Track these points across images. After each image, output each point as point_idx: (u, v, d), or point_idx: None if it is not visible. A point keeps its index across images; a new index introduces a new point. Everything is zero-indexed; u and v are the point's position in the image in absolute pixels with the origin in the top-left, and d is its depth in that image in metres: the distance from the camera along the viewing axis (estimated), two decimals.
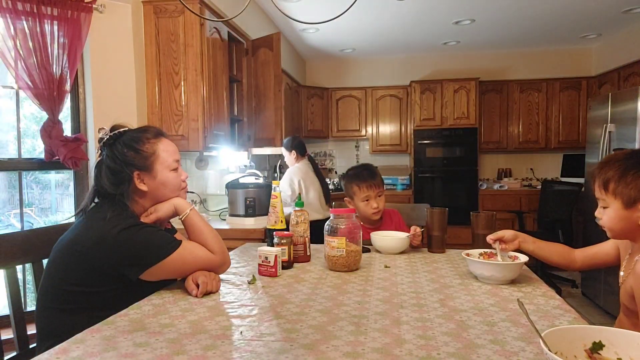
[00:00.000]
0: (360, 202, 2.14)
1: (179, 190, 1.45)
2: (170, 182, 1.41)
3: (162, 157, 1.40)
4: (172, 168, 1.42)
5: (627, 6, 4.17)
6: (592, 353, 0.83)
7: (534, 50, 5.76)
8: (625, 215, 1.29)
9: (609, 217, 1.33)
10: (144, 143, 1.38)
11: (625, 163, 1.29)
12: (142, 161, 1.37)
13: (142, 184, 1.37)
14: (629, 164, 1.29)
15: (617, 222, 1.31)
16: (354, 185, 2.15)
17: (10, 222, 2.69)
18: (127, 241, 1.26)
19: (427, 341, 0.97)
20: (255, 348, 0.94)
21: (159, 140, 1.42)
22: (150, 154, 1.38)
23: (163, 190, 1.41)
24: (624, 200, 1.28)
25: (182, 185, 1.46)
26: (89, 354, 0.92)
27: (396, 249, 1.85)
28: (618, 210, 1.30)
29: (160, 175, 1.39)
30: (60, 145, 2.29)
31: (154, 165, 1.38)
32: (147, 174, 1.37)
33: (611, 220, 1.33)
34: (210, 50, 2.82)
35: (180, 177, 1.45)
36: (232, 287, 1.40)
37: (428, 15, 4.41)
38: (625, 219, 1.29)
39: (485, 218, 1.76)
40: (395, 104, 5.93)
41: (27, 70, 2.18)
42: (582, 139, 5.41)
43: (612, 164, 1.32)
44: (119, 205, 1.35)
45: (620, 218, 1.30)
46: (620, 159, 1.31)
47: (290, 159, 3.78)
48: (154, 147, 1.39)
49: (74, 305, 1.28)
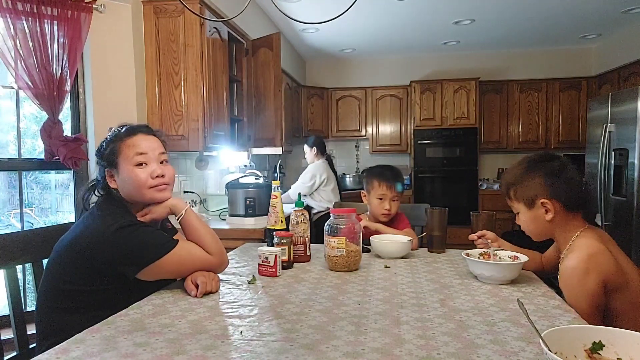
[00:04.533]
0: (374, 198, 2.14)
1: (145, 187, 1.33)
2: (132, 179, 1.32)
3: (124, 152, 1.33)
4: (135, 163, 1.32)
5: (627, 6, 4.17)
6: (592, 353, 0.83)
7: (534, 50, 5.76)
8: (533, 215, 1.41)
9: (522, 222, 1.45)
10: (115, 140, 1.36)
11: (518, 168, 1.43)
12: (110, 157, 1.36)
13: (113, 181, 1.37)
14: (522, 168, 1.42)
15: (530, 223, 1.43)
16: (374, 180, 2.15)
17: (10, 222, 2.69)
18: (124, 240, 1.25)
19: (427, 341, 0.97)
20: (255, 348, 0.94)
21: (130, 137, 1.36)
22: (115, 150, 1.35)
23: (127, 187, 1.34)
24: (525, 202, 1.40)
25: (149, 182, 1.33)
26: (89, 354, 0.92)
27: (397, 254, 1.79)
28: (525, 213, 1.42)
29: (123, 171, 1.33)
30: (60, 145, 2.29)
31: (117, 160, 1.34)
32: (114, 170, 1.36)
33: (525, 223, 1.44)
34: (210, 50, 2.82)
35: (150, 174, 1.33)
36: (232, 287, 1.40)
37: (428, 15, 4.41)
38: (534, 218, 1.41)
39: (485, 218, 1.76)
40: (395, 104, 5.93)
41: (27, 70, 2.18)
42: (582, 139, 5.41)
43: (509, 172, 1.46)
44: (117, 204, 1.35)
45: (530, 219, 1.42)
46: (515, 166, 1.46)
47: (310, 154, 4.30)
48: (121, 143, 1.35)
49: (73, 304, 1.28)
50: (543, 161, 1.41)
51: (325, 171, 4.20)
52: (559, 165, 1.39)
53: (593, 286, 1.26)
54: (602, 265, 1.27)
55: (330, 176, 4.25)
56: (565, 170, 1.38)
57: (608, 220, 3.79)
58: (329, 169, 4.26)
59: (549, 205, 1.37)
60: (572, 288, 1.29)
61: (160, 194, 1.37)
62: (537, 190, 1.38)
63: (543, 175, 1.37)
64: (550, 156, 1.43)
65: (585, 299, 1.26)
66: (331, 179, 4.25)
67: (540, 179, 1.37)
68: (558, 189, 1.36)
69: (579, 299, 1.26)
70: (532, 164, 1.42)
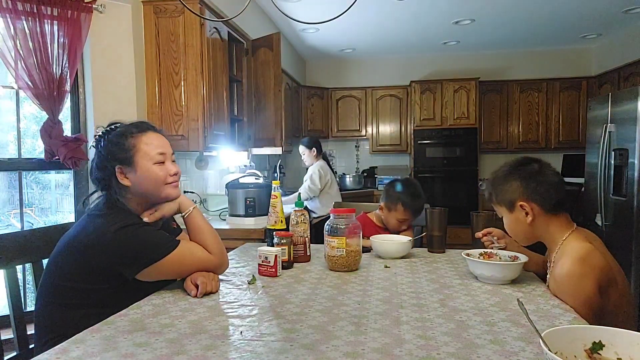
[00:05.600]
0: (394, 219, 2.14)
1: (163, 184, 1.37)
2: (152, 176, 1.34)
3: (143, 149, 1.35)
4: (156, 161, 1.35)
5: (627, 6, 4.17)
6: (592, 353, 0.83)
7: (534, 50, 5.76)
8: (514, 218, 1.43)
9: (506, 225, 1.48)
10: (127, 137, 1.36)
11: (499, 172, 1.48)
12: (123, 154, 1.34)
13: (125, 179, 1.35)
14: (502, 172, 1.47)
15: (514, 227, 1.45)
16: (400, 205, 2.12)
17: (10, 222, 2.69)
18: (125, 240, 1.25)
19: (427, 341, 0.97)
20: (255, 348, 0.94)
21: (144, 134, 1.37)
22: (131, 147, 1.34)
23: (145, 184, 1.35)
24: (506, 205, 1.44)
25: (168, 179, 1.38)
26: (89, 354, 0.92)
27: (397, 254, 1.79)
28: (508, 216, 1.45)
29: (141, 168, 1.34)
30: (60, 145, 2.29)
31: (135, 158, 1.34)
32: (128, 168, 1.34)
33: (508, 227, 1.47)
34: (210, 50, 2.82)
35: (168, 171, 1.38)
36: (232, 287, 1.40)
37: (428, 15, 4.41)
38: (516, 221, 1.43)
39: (485, 218, 1.76)
40: (395, 104, 5.93)
41: (27, 70, 2.18)
42: (582, 139, 5.40)
43: (491, 176, 1.51)
44: (118, 203, 1.35)
45: (512, 222, 1.45)
46: (497, 170, 1.51)
47: (310, 156, 4.18)
48: (135, 140, 1.35)
49: (72, 301, 1.28)
50: (521, 165, 1.45)
51: (329, 172, 4.15)
52: (536, 168, 1.42)
53: (591, 289, 1.25)
54: (595, 267, 1.27)
55: (332, 177, 4.19)
56: (542, 173, 1.40)
57: (608, 220, 3.79)
58: (330, 170, 4.22)
59: (527, 208, 1.39)
60: (569, 295, 1.26)
61: (175, 191, 1.41)
62: (516, 193, 1.41)
63: (519, 178, 1.41)
64: (529, 160, 1.47)
65: (583, 304, 1.24)
66: (333, 180, 4.19)
67: (518, 182, 1.41)
68: (534, 192, 1.38)
69: (576, 305, 1.23)
70: (511, 168, 1.46)
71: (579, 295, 1.25)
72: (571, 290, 1.26)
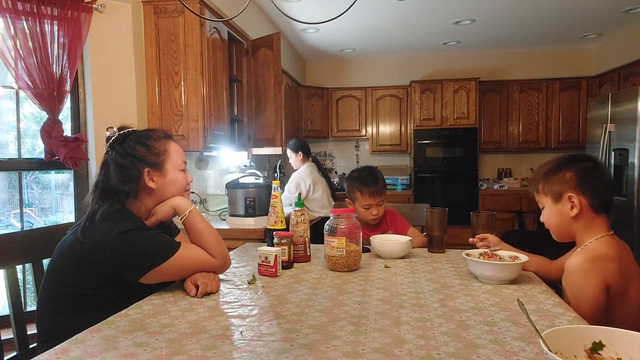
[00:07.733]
0: (360, 207, 2.14)
1: (184, 191, 1.47)
2: (178, 182, 1.44)
3: (173, 156, 1.42)
4: (181, 169, 1.44)
5: (627, 6, 4.17)
6: (592, 353, 0.83)
7: (534, 50, 5.76)
8: (558, 209, 1.43)
9: (546, 217, 1.47)
10: (156, 140, 1.41)
11: (549, 166, 1.48)
12: (154, 158, 1.38)
13: (151, 182, 1.37)
14: (552, 166, 1.47)
15: (553, 218, 1.45)
16: (356, 191, 2.14)
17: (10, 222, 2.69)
18: (126, 244, 1.25)
19: (427, 341, 0.97)
20: (255, 348, 0.94)
21: (169, 141, 1.45)
22: (162, 151, 1.40)
23: (171, 189, 1.42)
24: (552, 195, 1.43)
25: (187, 187, 1.49)
26: (89, 354, 0.92)
27: (397, 254, 1.78)
28: (551, 207, 1.44)
29: (170, 174, 1.41)
30: (60, 145, 2.29)
31: (165, 163, 1.40)
32: (157, 171, 1.38)
33: (548, 218, 1.47)
34: (210, 50, 2.82)
35: (187, 179, 1.48)
36: (232, 287, 1.40)
37: (428, 15, 4.41)
38: (558, 213, 1.43)
39: (485, 218, 1.76)
40: (395, 104, 5.93)
41: (27, 70, 2.18)
42: (582, 139, 5.41)
43: (540, 169, 1.51)
44: (120, 207, 1.34)
45: (554, 213, 1.44)
46: (549, 161, 1.51)
47: (296, 160, 3.93)
48: (165, 146, 1.42)
49: (74, 307, 1.27)
50: (578, 159, 1.45)
51: (309, 177, 3.79)
52: (592, 165, 1.43)
53: (595, 286, 1.26)
54: (604, 269, 1.28)
55: (318, 180, 3.83)
56: (598, 170, 1.42)
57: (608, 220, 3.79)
58: (314, 172, 3.86)
59: (575, 200, 1.38)
60: (575, 288, 1.30)
61: (189, 197, 1.53)
62: (567, 185, 1.40)
63: (575, 170, 1.40)
64: (585, 156, 1.48)
65: (586, 300, 1.26)
66: (319, 183, 3.82)
67: (572, 174, 1.40)
68: (587, 186, 1.38)
69: (580, 300, 1.26)
70: (567, 160, 1.46)
71: (584, 289, 1.27)
72: (577, 284, 1.29)
